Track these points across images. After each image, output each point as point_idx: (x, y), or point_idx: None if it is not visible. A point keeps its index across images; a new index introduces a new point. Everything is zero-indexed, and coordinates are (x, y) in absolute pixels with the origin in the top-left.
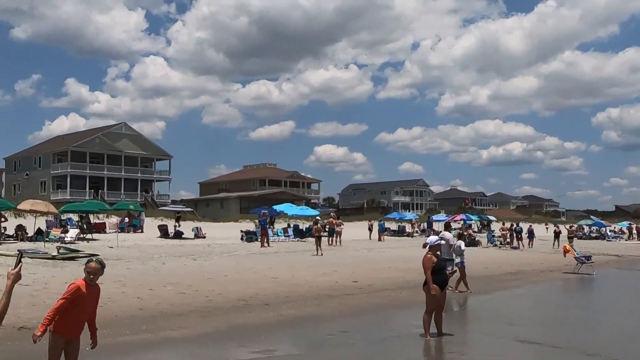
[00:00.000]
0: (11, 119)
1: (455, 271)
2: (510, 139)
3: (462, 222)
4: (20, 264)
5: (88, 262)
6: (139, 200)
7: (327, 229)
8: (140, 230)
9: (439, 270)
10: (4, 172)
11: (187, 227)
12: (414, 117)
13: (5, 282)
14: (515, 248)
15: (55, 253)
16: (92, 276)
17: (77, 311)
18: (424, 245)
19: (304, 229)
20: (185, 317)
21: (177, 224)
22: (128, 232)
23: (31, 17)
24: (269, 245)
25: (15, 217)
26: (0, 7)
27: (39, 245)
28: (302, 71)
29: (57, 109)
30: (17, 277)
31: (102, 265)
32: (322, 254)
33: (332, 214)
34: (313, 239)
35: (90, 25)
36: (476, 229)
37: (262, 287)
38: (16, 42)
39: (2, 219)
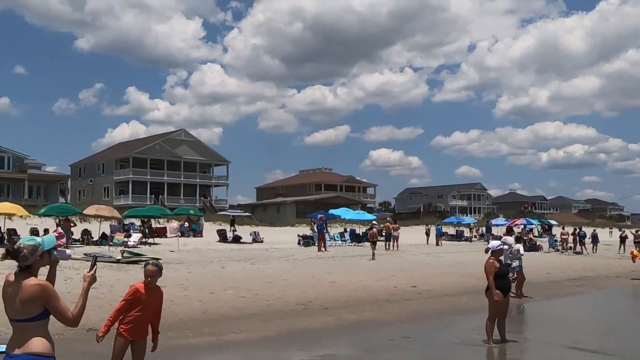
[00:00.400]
0: (76, 127)
1: (517, 277)
2: (571, 141)
3: (522, 226)
4: (95, 266)
5: (145, 265)
6: (197, 205)
7: (383, 234)
8: (199, 235)
9: (502, 276)
10: (69, 179)
11: (244, 232)
12: (471, 120)
13: (75, 284)
14: (578, 253)
15: (119, 257)
16: (149, 278)
17: (137, 313)
18: (487, 250)
19: (361, 234)
20: (246, 320)
21: (232, 228)
22: (188, 236)
23: (94, 28)
24: (325, 250)
25: (81, 222)
26: (64, 19)
27: (103, 249)
28: (356, 75)
29: (119, 117)
30: (93, 279)
31: (159, 268)
32: (374, 259)
33: (388, 218)
34: (369, 244)
35: (149, 34)
36: (537, 234)
37: (320, 292)
38: (80, 52)
39: (72, 224)
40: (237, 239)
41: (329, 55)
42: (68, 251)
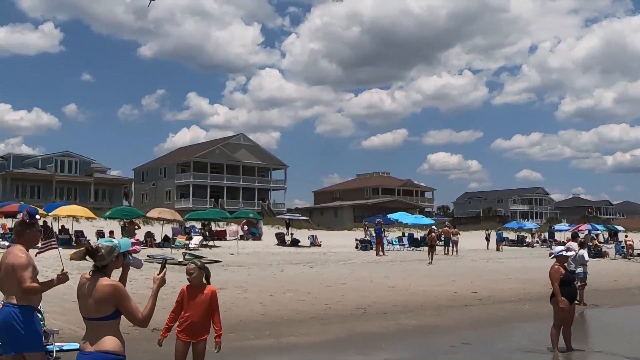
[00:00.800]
0: (139, 132)
1: (583, 284)
2: (639, 144)
3: (586, 232)
4: (165, 269)
5: (187, 263)
6: (256, 208)
7: (442, 238)
8: (259, 238)
9: (568, 283)
10: (133, 182)
11: (302, 235)
12: (532, 123)
13: (139, 285)
14: None
15: (181, 259)
16: (188, 276)
17: (185, 314)
18: (551, 255)
19: (419, 238)
20: (305, 323)
21: (289, 231)
22: (247, 239)
23: (156, 36)
24: (384, 254)
25: (144, 225)
26: (129, 28)
27: (165, 251)
28: (414, 79)
29: (180, 122)
30: (162, 282)
31: (198, 266)
32: (431, 263)
33: (447, 223)
34: (428, 248)
35: (210, 41)
36: (602, 240)
37: (379, 296)
38: (143, 59)
39: (136, 227)
40: (295, 243)
41: (387, 58)
42: (142, 260)
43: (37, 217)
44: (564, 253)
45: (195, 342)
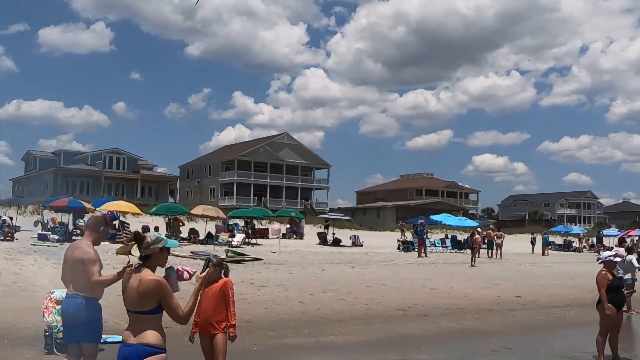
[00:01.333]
0: (185, 130)
1: (632, 291)
2: None
3: (636, 237)
4: (208, 269)
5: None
6: (298, 207)
7: (485, 241)
8: (300, 237)
9: (615, 289)
10: (178, 180)
11: (344, 235)
12: (582, 125)
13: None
14: None
15: (223, 256)
16: None
17: (199, 308)
18: (598, 260)
19: (462, 240)
20: (345, 323)
21: (326, 231)
22: (289, 238)
23: (204, 35)
24: (426, 256)
25: (188, 221)
26: (177, 28)
27: (208, 248)
28: (460, 79)
29: (225, 121)
30: (204, 281)
31: (214, 264)
32: (474, 265)
33: (491, 225)
34: (470, 250)
35: (256, 40)
36: None
37: (420, 298)
38: (190, 59)
39: (180, 223)
40: (336, 242)
41: (433, 58)
42: (180, 287)
43: (115, 222)
44: (612, 259)
45: (213, 335)
